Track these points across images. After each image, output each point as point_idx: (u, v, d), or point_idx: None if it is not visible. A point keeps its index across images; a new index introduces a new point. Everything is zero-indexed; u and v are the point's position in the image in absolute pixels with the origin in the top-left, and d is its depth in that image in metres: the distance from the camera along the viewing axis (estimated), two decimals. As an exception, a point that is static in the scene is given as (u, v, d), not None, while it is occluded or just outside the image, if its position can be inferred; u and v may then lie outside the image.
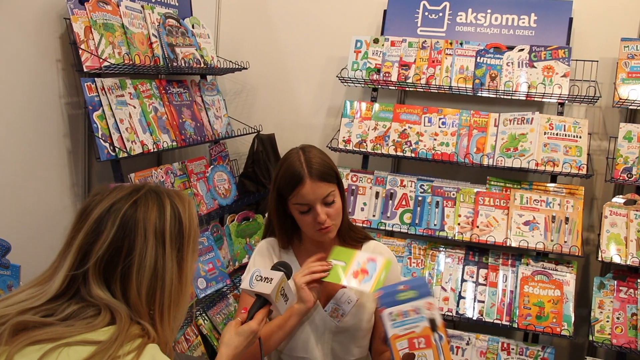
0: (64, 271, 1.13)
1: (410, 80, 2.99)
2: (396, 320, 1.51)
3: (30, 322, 1.07)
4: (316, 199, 1.71)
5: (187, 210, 1.22)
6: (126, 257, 1.12)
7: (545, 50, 2.86)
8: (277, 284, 1.47)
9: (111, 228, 1.13)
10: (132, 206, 1.16)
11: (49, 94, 2.46)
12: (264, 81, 3.51)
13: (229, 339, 1.44)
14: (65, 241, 1.18)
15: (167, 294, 1.15)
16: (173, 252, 1.17)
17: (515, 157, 2.77)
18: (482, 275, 2.80)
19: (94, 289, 1.11)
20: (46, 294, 1.12)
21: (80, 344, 1.04)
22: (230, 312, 3.00)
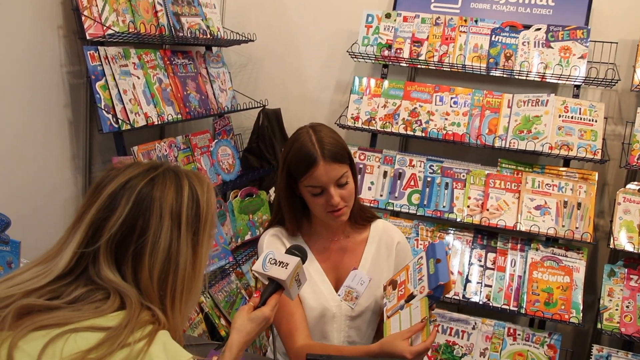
0: (73, 248, 1.07)
1: (423, 58, 2.90)
2: (416, 264, 1.65)
3: (35, 305, 1.01)
4: (329, 180, 1.64)
5: (205, 193, 1.15)
6: (139, 237, 1.06)
7: (563, 30, 2.77)
8: (293, 270, 1.41)
9: (125, 205, 1.07)
10: (149, 184, 1.10)
11: (50, 62, 2.37)
12: (270, 54, 3.41)
13: (240, 325, 1.38)
14: (76, 216, 1.11)
15: (180, 279, 1.10)
16: (188, 236, 1.11)
17: (528, 140, 2.70)
18: (490, 259, 2.75)
19: (104, 270, 1.05)
20: (52, 272, 1.06)
21: (89, 330, 0.98)
22: (232, 289, 2.95)
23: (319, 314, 1.73)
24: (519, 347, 2.67)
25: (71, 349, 0.95)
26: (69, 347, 0.95)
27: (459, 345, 2.70)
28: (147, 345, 0.98)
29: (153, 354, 0.98)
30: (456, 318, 2.72)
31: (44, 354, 0.95)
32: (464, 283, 2.71)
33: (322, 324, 1.74)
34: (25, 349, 0.95)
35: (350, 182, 1.69)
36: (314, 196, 1.66)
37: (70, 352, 0.95)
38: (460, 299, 2.68)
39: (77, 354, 0.94)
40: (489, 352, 2.69)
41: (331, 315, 1.73)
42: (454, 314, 2.73)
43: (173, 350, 1.02)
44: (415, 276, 1.61)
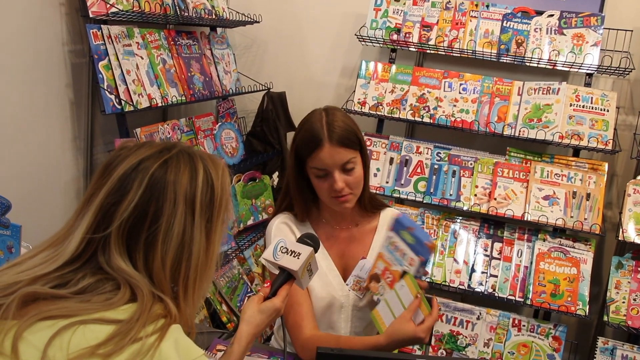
0: (81, 232, 1.02)
1: (432, 43, 2.84)
2: (389, 246, 1.58)
3: (41, 293, 0.96)
4: (334, 164, 1.60)
5: (220, 177, 1.10)
6: (152, 224, 1.01)
7: (577, 17, 2.71)
8: (305, 260, 1.37)
9: (137, 188, 1.01)
10: (162, 166, 1.04)
11: (51, 41, 2.31)
12: (275, 36, 3.35)
13: (250, 316, 1.34)
14: (84, 198, 1.06)
15: (193, 267, 1.05)
16: (202, 222, 1.05)
17: (538, 129, 2.65)
18: (496, 249, 2.71)
19: (115, 258, 1.00)
20: (60, 257, 1.01)
21: (97, 322, 0.94)
22: (234, 275, 2.91)
23: (327, 304, 1.69)
24: (524, 338, 2.64)
25: (78, 341, 0.91)
26: (76, 339, 0.91)
27: (463, 335, 2.68)
28: (158, 341, 0.94)
29: (164, 350, 0.94)
30: (460, 308, 2.69)
31: (51, 345, 0.90)
32: (469, 273, 2.68)
33: (329, 314, 1.70)
34: (30, 340, 0.92)
35: (358, 169, 1.64)
36: (318, 179, 1.63)
37: (78, 345, 0.91)
38: (465, 289, 2.65)
39: (86, 348, 0.90)
40: (493, 343, 2.66)
41: (339, 305, 1.70)
42: (458, 303, 2.70)
43: (185, 346, 0.98)
44: (395, 256, 1.56)
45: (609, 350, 2.57)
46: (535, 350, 2.62)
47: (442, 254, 2.73)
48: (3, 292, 0.97)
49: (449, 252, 2.73)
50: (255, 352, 1.63)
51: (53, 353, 0.90)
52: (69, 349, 0.90)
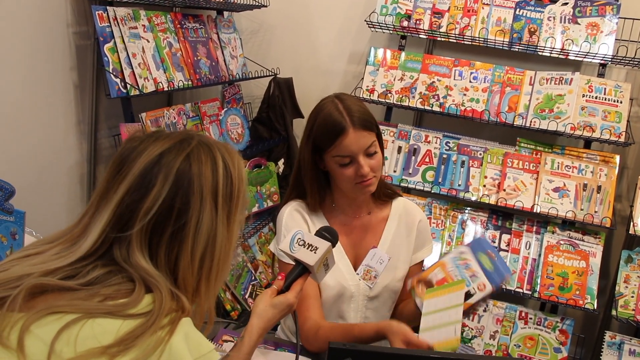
0: (98, 230, 0.98)
1: (443, 30, 2.78)
2: (458, 260, 1.51)
3: (49, 285, 0.93)
4: (359, 149, 1.56)
5: (236, 167, 1.06)
6: (177, 219, 0.98)
7: (592, 6, 2.65)
8: (322, 255, 1.33)
9: (163, 184, 0.97)
10: (186, 160, 1.00)
11: (56, 22, 2.26)
12: (283, 21, 3.29)
13: (262, 310, 1.31)
14: (99, 193, 1.02)
15: (216, 260, 1.02)
16: (224, 215, 1.02)
17: (550, 120, 2.61)
18: (504, 240, 2.68)
19: (136, 256, 0.96)
20: (75, 254, 0.98)
21: (106, 316, 0.91)
22: (238, 262, 2.89)
23: (336, 293, 1.66)
24: (530, 331, 2.62)
25: (86, 336, 0.88)
26: (84, 333, 0.88)
27: (469, 327, 2.65)
28: (168, 335, 0.91)
29: (174, 344, 0.91)
30: (467, 299, 2.66)
31: (58, 339, 0.87)
32: (476, 264, 2.64)
33: (339, 303, 1.67)
34: (37, 334, 0.88)
35: (379, 151, 1.62)
36: (342, 167, 1.58)
37: (86, 340, 0.87)
38: (472, 281, 2.61)
39: (97, 348, 0.87)
40: (499, 335, 2.64)
41: (349, 295, 1.67)
42: (465, 295, 2.67)
43: (195, 340, 0.95)
44: (462, 273, 1.50)
45: (617, 345, 2.55)
46: (542, 344, 2.60)
47: (450, 244, 2.69)
48: (14, 283, 0.94)
49: (456, 243, 2.70)
50: (262, 344, 1.61)
51: (60, 347, 0.87)
52: (77, 343, 0.87)
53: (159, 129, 1.12)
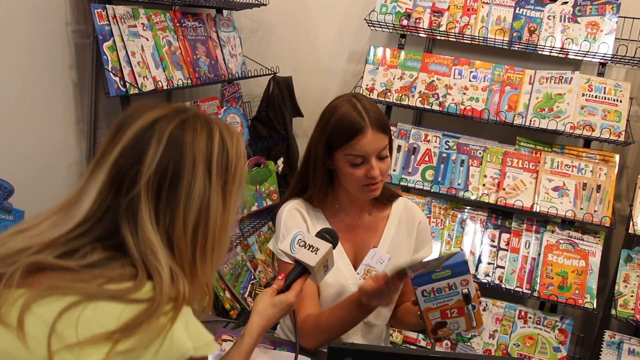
0: (94, 193, 0.97)
1: (443, 29, 2.78)
2: (429, 296, 1.45)
3: (47, 263, 0.92)
4: (374, 151, 1.56)
5: (235, 144, 1.05)
6: (171, 185, 0.97)
7: (592, 5, 2.65)
8: (323, 256, 1.33)
9: (157, 147, 0.97)
10: (180, 126, 0.99)
11: (55, 20, 2.25)
12: (282, 19, 3.29)
13: (263, 309, 1.31)
14: (95, 159, 1.00)
15: (212, 232, 1.01)
16: (218, 186, 1.02)
17: (550, 119, 2.61)
18: (504, 239, 2.68)
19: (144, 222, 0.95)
20: (72, 220, 0.96)
21: (109, 300, 0.90)
22: (237, 261, 2.88)
23: (336, 292, 1.66)
24: (530, 331, 2.62)
25: (88, 319, 0.87)
26: (86, 315, 0.88)
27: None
28: (170, 322, 0.91)
29: (176, 332, 0.91)
30: (466, 299, 2.66)
31: (60, 320, 0.86)
32: (476, 263, 2.65)
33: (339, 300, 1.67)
34: (38, 313, 0.87)
35: (389, 156, 1.62)
36: (353, 167, 1.58)
37: (87, 323, 0.87)
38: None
39: (100, 334, 0.86)
40: (499, 334, 2.64)
41: (348, 292, 1.67)
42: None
43: (195, 330, 0.94)
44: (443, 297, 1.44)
45: (616, 344, 2.55)
46: (541, 343, 2.60)
47: (449, 244, 2.69)
48: (12, 258, 0.93)
49: (455, 242, 2.70)
50: (262, 343, 1.60)
51: (62, 328, 0.86)
52: (78, 325, 0.87)
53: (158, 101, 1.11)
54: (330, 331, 1.55)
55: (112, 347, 0.86)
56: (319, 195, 1.67)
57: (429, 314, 1.46)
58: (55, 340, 0.86)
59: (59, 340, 0.86)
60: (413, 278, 1.43)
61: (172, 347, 0.90)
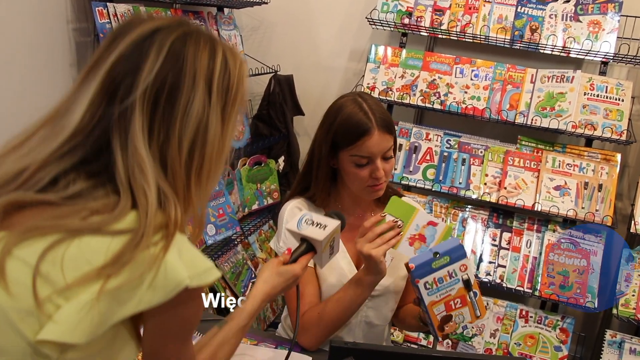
0: (86, 101, 0.90)
1: (444, 27, 2.77)
2: (432, 288, 1.45)
3: (27, 200, 0.86)
4: (380, 151, 1.55)
5: (238, 65, 1.00)
6: (169, 98, 0.91)
7: (594, 3, 2.64)
8: (331, 232, 1.31)
9: (156, 56, 0.91)
10: (182, 39, 0.94)
11: (56, 19, 2.25)
12: (283, 18, 3.28)
13: (268, 276, 1.29)
14: (87, 66, 0.93)
15: (208, 155, 0.95)
16: (218, 107, 0.96)
17: (551, 118, 2.60)
18: (505, 239, 2.68)
19: (136, 136, 0.88)
20: (62, 132, 0.90)
21: (94, 234, 0.85)
22: (238, 260, 2.88)
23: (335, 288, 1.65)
24: (531, 330, 2.62)
25: (74, 255, 0.83)
26: (71, 253, 0.83)
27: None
28: (162, 251, 0.85)
29: (169, 261, 0.86)
30: (468, 298, 2.66)
31: (43, 260, 0.82)
32: (477, 262, 2.64)
33: None
34: (20, 256, 0.83)
35: (393, 156, 1.62)
36: (358, 167, 1.57)
37: (73, 260, 0.83)
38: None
39: (90, 272, 0.82)
40: (500, 334, 2.64)
41: None
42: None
43: (190, 258, 0.89)
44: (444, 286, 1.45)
45: (617, 344, 2.54)
46: (542, 342, 2.59)
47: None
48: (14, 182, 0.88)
49: (456, 241, 2.69)
50: (262, 342, 1.60)
51: (47, 269, 0.82)
52: (64, 264, 0.82)
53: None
54: (331, 318, 1.55)
55: (103, 285, 0.82)
56: (322, 194, 1.67)
57: (433, 309, 1.46)
58: (41, 282, 0.81)
59: (45, 282, 0.82)
60: (414, 270, 1.43)
61: (166, 277, 0.85)
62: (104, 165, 0.90)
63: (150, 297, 0.85)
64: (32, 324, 0.82)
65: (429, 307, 1.46)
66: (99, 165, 0.90)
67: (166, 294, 0.86)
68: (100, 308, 0.83)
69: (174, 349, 0.97)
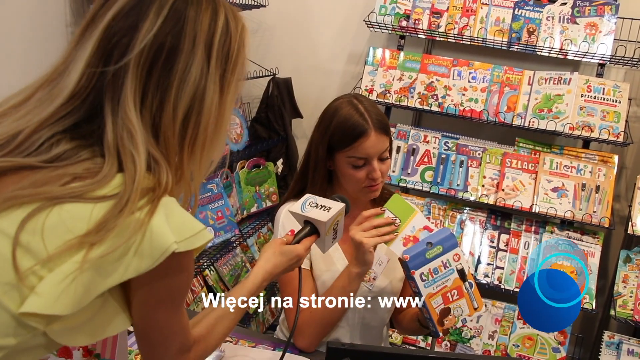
0: (82, 62, 0.86)
1: (442, 30, 2.78)
2: (428, 279, 1.46)
3: (7, 166, 0.82)
4: (376, 153, 1.56)
5: (239, 30, 0.95)
6: (166, 61, 0.86)
7: (590, 6, 2.65)
8: (335, 214, 1.31)
9: (156, 16, 0.86)
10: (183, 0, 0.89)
11: (55, 22, 2.26)
12: (282, 21, 3.29)
13: (270, 255, 1.27)
14: (83, 25, 0.88)
15: (204, 125, 0.90)
16: (217, 74, 0.91)
17: (549, 120, 2.61)
18: (503, 240, 2.68)
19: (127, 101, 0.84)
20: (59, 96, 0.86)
21: (75, 200, 0.80)
22: (236, 262, 2.89)
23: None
24: (529, 331, 2.62)
25: (54, 223, 0.79)
26: (51, 221, 0.79)
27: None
28: (148, 216, 0.81)
29: (154, 226, 0.82)
30: (466, 299, 2.66)
31: (24, 230, 0.78)
32: (475, 264, 2.65)
33: None
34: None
35: (389, 157, 1.63)
36: (354, 168, 1.58)
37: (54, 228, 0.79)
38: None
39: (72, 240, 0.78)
40: (498, 335, 2.64)
41: None
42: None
43: (178, 221, 0.85)
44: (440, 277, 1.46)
45: (615, 345, 2.55)
46: (540, 343, 2.60)
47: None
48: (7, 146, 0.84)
49: (455, 243, 2.69)
50: (260, 344, 1.61)
51: (27, 239, 0.78)
52: (44, 232, 0.79)
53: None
54: (322, 316, 1.56)
55: (86, 254, 0.78)
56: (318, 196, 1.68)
57: (431, 301, 1.47)
58: (21, 253, 0.78)
59: (26, 252, 0.78)
60: (409, 261, 1.44)
61: (152, 242, 0.82)
62: (94, 128, 0.87)
63: (137, 265, 0.82)
64: (14, 297, 0.78)
65: (427, 300, 1.46)
66: (89, 128, 0.87)
67: (153, 261, 0.82)
68: (83, 278, 0.79)
69: (165, 317, 0.93)
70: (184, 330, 0.98)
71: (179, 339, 0.97)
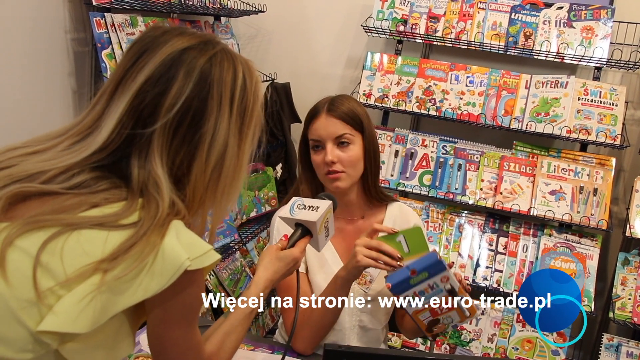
0: (114, 121, 0.91)
1: (439, 34, 2.80)
2: (413, 300, 1.43)
3: (31, 191, 0.88)
4: (328, 135, 1.60)
5: (254, 83, 1.01)
6: (192, 123, 0.92)
7: (586, 10, 2.67)
8: (324, 212, 1.32)
9: (185, 80, 0.92)
10: (209, 62, 0.95)
11: (53, 28, 2.27)
12: (280, 26, 3.31)
13: (267, 263, 1.29)
14: (114, 80, 0.94)
15: (225, 175, 0.97)
16: (236, 128, 0.97)
17: (546, 123, 2.62)
18: (501, 243, 2.69)
19: (154, 159, 0.91)
20: (89, 147, 0.91)
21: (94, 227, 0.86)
22: (236, 267, 2.89)
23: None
24: (528, 334, 2.62)
25: (72, 246, 0.84)
26: (70, 244, 0.84)
27: (467, 330, 2.66)
28: (160, 237, 0.86)
29: (167, 246, 0.87)
30: (465, 302, 2.67)
31: (44, 251, 0.83)
32: (474, 267, 2.66)
33: None
34: (21, 246, 0.84)
35: (355, 148, 1.62)
36: (313, 151, 1.64)
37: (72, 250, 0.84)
38: (469, 284, 2.62)
39: (89, 264, 0.83)
40: (497, 338, 2.65)
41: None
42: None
43: (189, 241, 0.90)
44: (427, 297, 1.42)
45: (614, 347, 2.56)
46: (540, 346, 2.60)
47: (447, 248, 2.70)
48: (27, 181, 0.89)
49: (453, 246, 2.71)
50: (259, 347, 1.61)
51: (46, 259, 0.83)
52: (63, 254, 0.84)
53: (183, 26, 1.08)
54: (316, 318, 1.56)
55: (103, 277, 0.83)
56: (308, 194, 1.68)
57: (419, 316, 1.45)
58: (41, 272, 0.83)
59: (45, 272, 0.83)
60: (392, 288, 1.41)
61: (164, 261, 0.86)
62: (115, 164, 0.93)
63: (152, 284, 0.86)
64: (34, 314, 0.83)
65: (414, 316, 1.45)
66: (112, 167, 0.93)
67: (167, 279, 0.86)
68: (102, 298, 0.83)
69: (180, 334, 0.97)
70: (198, 346, 1.03)
71: (195, 355, 1.02)
